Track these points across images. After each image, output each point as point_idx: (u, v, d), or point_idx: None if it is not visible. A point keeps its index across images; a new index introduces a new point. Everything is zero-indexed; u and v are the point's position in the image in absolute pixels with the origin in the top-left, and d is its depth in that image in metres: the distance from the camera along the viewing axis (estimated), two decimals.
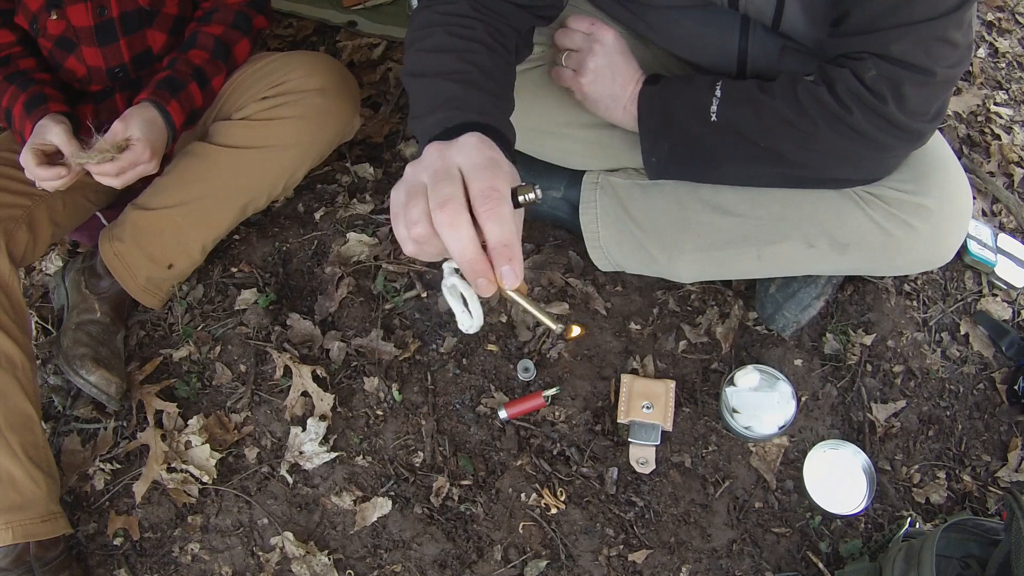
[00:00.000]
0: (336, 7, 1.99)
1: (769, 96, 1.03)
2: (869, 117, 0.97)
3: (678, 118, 1.10)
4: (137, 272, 1.43)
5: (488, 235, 0.63)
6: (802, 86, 1.00)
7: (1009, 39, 2.00)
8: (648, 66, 1.31)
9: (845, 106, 0.97)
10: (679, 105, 1.10)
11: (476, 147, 0.67)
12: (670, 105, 1.11)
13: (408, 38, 0.96)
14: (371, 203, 1.64)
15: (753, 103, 1.04)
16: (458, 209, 0.62)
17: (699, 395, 1.40)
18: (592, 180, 1.33)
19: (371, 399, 1.42)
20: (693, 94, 1.09)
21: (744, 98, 1.05)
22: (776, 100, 1.02)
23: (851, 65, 0.96)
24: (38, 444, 1.25)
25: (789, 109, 1.01)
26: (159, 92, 1.28)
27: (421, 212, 0.64)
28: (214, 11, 1.38)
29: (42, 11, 1.29)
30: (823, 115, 0.99)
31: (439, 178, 0.64)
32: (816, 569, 1.25)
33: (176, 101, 1.29)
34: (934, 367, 1.44)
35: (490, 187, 0.63)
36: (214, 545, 1.32)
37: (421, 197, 0.65)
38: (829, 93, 0.98)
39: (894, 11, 0.90)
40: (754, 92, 1.04)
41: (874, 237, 1.11)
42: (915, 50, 0.92)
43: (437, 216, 0.63)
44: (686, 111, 1.09)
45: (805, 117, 1.00)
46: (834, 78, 0.97)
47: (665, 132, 1.13)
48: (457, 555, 1.28)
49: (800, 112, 1.00)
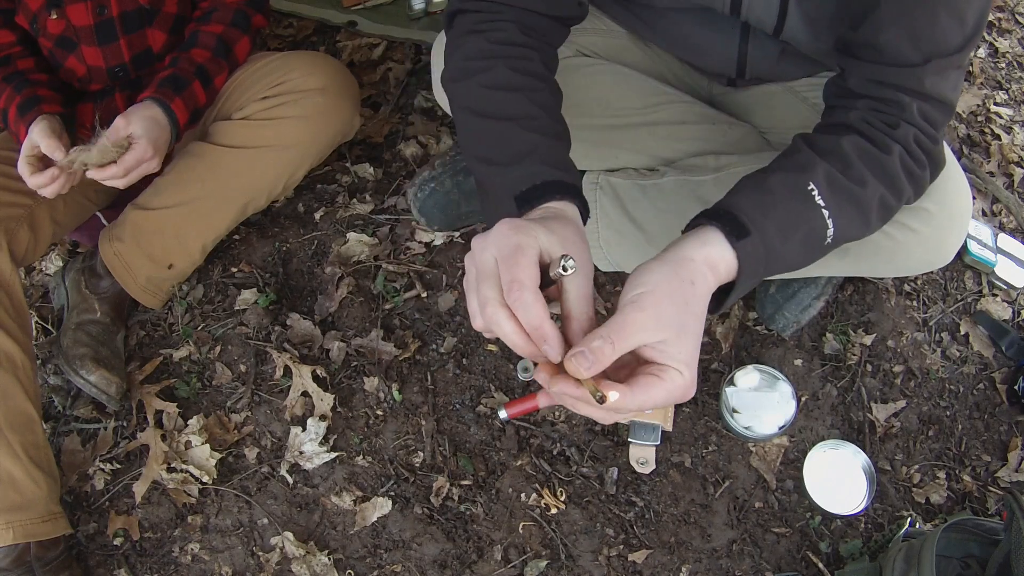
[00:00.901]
0: (336, 7, 1.98)
1: (862, 187, 0.86)
2: (919, 184, 0.93)
3: (787, 260, 0.83)
4: (137, 272, 1.43)
5: (522, 323, 0.66)
6: (890, 161, 0.88)
7: (1009, 39, 2.00)
8: (647, 67, 1.32)
9: (910, 173, 0.90)
10: (791, 252, 0.83)
11: (505, 235, 0.69)
12: (779, 255, 0.81)
13: (459, 66, 0.92)
14: (371, 203, 1.64)
15: (855, 202, 0.85)
16: (495, 308, 0.67)
17: (699, 395, 1.40)
18: (592, 180, 1.33)
19: (371, 399, 1.42)
20: (808, 228, 0.84)
21: (845, 197, 0.85)
22: (868, 189, 0.86)
23: (902, 117, 0.88)
24: (38, 444, 1.25)
25: (888, 191, 0.88)
26: (162, 90, 1.28)
27: (476, 309, 0.70)
28: (213, 10, 1.38)
29: (42, 11, 1.29)
30: (911, 182, 0.91)
31: (480, 278, 0.69)
32: (816, 569, 1.25)
33: (180, 99, 1.29)
34: (934, 367, 1.44)
35: (510, 280, 0.66)
36: (214, 545, 1.32)
37: (473, 294, 0.70)
38: (909, 161, 0.89)
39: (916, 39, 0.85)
40: (853, 189, 0.85)
41: (874, 240, 1.11)
42: (943, 84, 0.88)
43: (484, 316, 0.68)
44: (801, 248, 0.84)
45: (903, 192, 0.91)
46: (899, 140, 0.88)
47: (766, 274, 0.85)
48: (457, 555, 1.28)
49: (899, 190, 0.90)
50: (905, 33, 0.85)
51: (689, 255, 0.73)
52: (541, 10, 0.96)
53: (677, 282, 0.70)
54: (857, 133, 0.88)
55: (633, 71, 1.28)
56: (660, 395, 0.67)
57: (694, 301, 0.71)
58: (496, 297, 0.67)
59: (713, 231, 0.76)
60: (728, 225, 0.76)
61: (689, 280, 0.71)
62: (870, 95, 0.90)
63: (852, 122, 0.89)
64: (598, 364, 0.64)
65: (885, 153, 0.87)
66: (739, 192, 0.82)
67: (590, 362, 0.64)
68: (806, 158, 0.85)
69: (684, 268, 0.72)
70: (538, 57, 0.94)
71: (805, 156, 0.85)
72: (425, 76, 1.85)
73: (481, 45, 0.92)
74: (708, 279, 0.73)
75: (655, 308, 0.67)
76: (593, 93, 1.25)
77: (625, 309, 0.68)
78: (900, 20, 0.85)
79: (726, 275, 0.76)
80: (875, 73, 0.89)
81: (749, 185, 0.83)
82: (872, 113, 0.89)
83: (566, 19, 1.02)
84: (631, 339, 0.66)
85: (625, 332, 0.66)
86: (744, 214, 0.77)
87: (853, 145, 0.87)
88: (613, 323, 0.67)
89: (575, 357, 0.64)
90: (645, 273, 0.71)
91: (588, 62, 1.27)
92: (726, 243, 0.75)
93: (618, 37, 1.30)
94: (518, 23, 0.94)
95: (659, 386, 0.66)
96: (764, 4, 0.99)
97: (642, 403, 0.66)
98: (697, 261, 0.73)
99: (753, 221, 0.76)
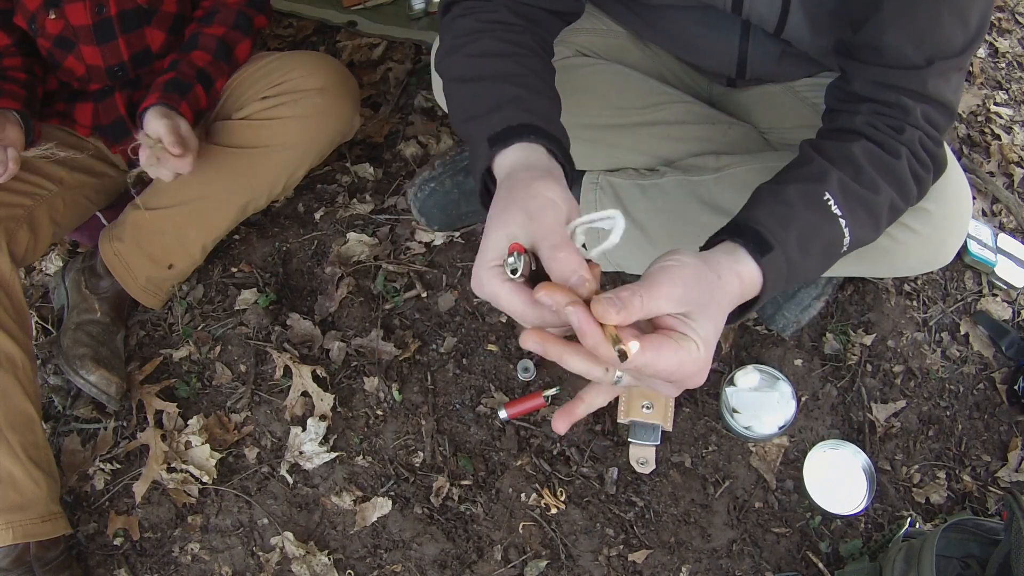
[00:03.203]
0: (336, 7, 1.98)
1: (875, 192, 0.86)
2: (923, 186, 0.93)
3: (807, 272, 0.84)
4: (137, 272, 1.43)
5: (556, 264, 0.65)
6: (899, 166, 0.88)
7: (1009, 39, 2.00)
8: (647, 67, 1.32)
9: (916, 177, 0.91)
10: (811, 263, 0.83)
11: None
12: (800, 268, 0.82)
13: (448, 44, 0.93)
14: (371, 203, 1.64)
15: (868, 208, 0.86)
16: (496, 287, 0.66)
17: (699, 395, 1.40)
18: (592, 180, 1.33)
19: (371, 399, 1.42)
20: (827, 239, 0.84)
21: (859, 204, 0.85)
22: (881, 194, 0.86)
23: (906, 120, 0.89)
24: (38, 444, 1.25)
25: (897, 194, 0.89)
26: (168, 95, 1.27)
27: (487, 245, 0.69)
28: (215, 11, 1.38)
29: (40, 10, 1.29)
30: (917, 185, 0.91)
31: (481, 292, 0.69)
32: (816, 569, 1.25)
33: (185, 103, 1.29)
34: (934, 367, 1.44)
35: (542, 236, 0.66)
36: (214, 545, 1.32)
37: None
38: (915, 164, 0.90)
39: (918, 41, 0.85)
40: (866, 196, 0.85)
41: (875, 241, 1.11)
42: (946, 86, 0.88)
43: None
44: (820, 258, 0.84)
45: (911, 195, 0.92)
46: (905, 143, 0.89)
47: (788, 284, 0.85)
48: (457, 555, 1.28)
49: (907, 193, 0.91)
50: (907, 35, 0.85)
51: (717, 258, 0.73)
52: (536, 2, 0.96)
53: (707, 271, 0.69)
54: (866, 139, 0.88)
55: (633, 71, 1.28)
56: (671, 360, 0.63)
57: (720, 295, 0.70)
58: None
59: (737, 247, 0.75)
60: (752, 241, 0.75)
61: (717, 274, 0.70)
62: (873, 98, 0.90)
63: (858, 127, 0.89)
64: (626, 312, 0.61)
65: (894, 158, 0.87)
66: (757, 206, 0.81)
67: (618, 307, 0.61)
68: (819, 167, 0.84)
69: (713, 264, 0.71)
70: (529, 34, 0.93)
71: (818, 165, 0.85)
72: (425, 76, 1.85)
73: (470, 24, 0.93)
74: (734, 283, 0.73)
75: (684, 282, 0.66)
76: (593, 93, 1.25)
77: (657, 274, 0.66)
78: (902, 21, 0.85)
79: (750, 287, 0.75)
80: (878, 75, 0.89)
81: (766, 198, 0.82)
82: (877, 117, 0.89)
83: (562, 13, 1.01)
84: (659, 302, 0.64)
85: (655, 292, 0.64)
86: (766, 229, 0.76)
87: (864, 151, 0.87)
88: (645, 281, 0.65)
89: (605, 300, 0.61)
90: (678, 253, 0.69)
91: (588, 62, 1.27)
92: (751, 259, 0.75)
93: (618, 37, 1.30)
94: (511, 10, 0.94)
95: (672, 349, 0.63)
96: (766, 1, 0.99)
97: (650, 362, 0.62)
98: (723, 264, 0.72)
99: (775, 236, 0.76)
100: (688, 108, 1.28)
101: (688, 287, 0.66)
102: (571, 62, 1.26)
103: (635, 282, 0.65)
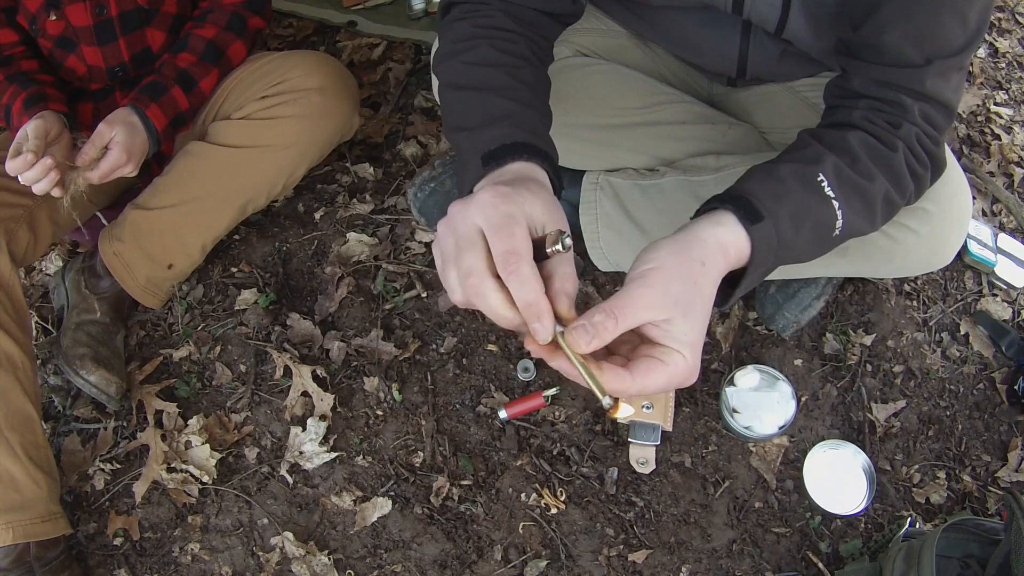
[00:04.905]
0: (336, 7, 1.99)
1: (869, 180, 0.86)
2: (921, 184, 0.94)
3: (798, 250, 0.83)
4: (137, 272, 1.43)
5: (515, 298, 0.63)
6: (895, 158, 0.88)
7: (1009, 39, 2.00)
8: (647, 67, 1.32)
9: (913, 173, 0.91)
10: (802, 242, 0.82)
11: (492, 204, 0.65)
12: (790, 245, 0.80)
13: (445, 49, 0.93)
14: (371, 203, 1.64)
15: (862, 195, 0.85)
16: (481, 278, 0.63)
17: (699, 395, 1.40)
18: (592, 180, 1.33)
19: (371, 399, 1.42)
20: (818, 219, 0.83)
21: (853, 190, 0.85)
22: (875, 183, 0.86)
23: (904, 117, 0.89)
24: (38, 444, 1.25)
25: (893, 187, 0.88)
26: (139, 97, 1.29)
27: (455, 280, 0.65)
28: (210, 12, 1.38)
29: (41, 11, 1.29)
30: (914, 180, 0.91)
31: (461, 247, 0.65)
32: (816, 569, 1.25)
33: (156, 106, 1.29)
34: (934, 367, 1.44)
35: (507, 251, 0.62)
36: (214, 545, 1.32)
37: (452, 264, 0.66)
38: (912, 160, 0.90)
39: (918, 40, 0.85)
40: (860, 183, 0.85)
41: (874, 240, 1.11)
42: (945, 86, 0.88)
43: (465, 287, 0.64)
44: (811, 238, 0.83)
45: (907, 190, 0.91)
46: (902, 138, 0.89)
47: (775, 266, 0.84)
48: (457, 555, 1.28)
49: (903, 187, 0.91)
50: (907, 33, 0.85)
51: (701, 235, 0.71)
52: (533, 4, 0.96)
53: (687, 261, 0.68)
54: (862, 131, 0.88)
55: (633, 71, 1.28)
56: (662, 379, 0.64)
57: (703, 281, 0.69)
58: (482, 268, 0.64)
59: (726, 214, 0.74)
60: (742, 209, 0.74)
61: (699, 260, 0.69)
62: (872, 95, 0.90)
63: (855, 121, 0.89)
64: (599, 339, 0.62)
65: (891, 150, 0.87)
66: (750, 179, 0.81)
67: (591, 336, 0.62)
68: (814, 151, 0.84)
69: (695, 247, 0.70)
70: (524, 42, 0.93)
71: (814, 149, 0.85)
72: (425, 76, 1.85)
73: (467, 29, 0.93)
74: (719, 261, 0.71)
75: (663, 285, 0.65)
76: (593, 93, 1.25)
77: (632, 284, 0.65)
78: (902, 20, 0.85)
79: (736, 260, 0.74)
80: (877, 74, 0.89)
81: (760, 174, 0.82)
82: (875, 113, 0.89)
83: (560, 16, 1.01)
84: (636, 316, 0.64)
85: (630, 308, 0.64)
86: (757, 199, 0.75)
87: (860, 141, 0.87)
88: (618, 298, 0.64)
89: (576, 330, 0.62)
90: (655, 250, 0.69)
91: (588, 62, 1.27)
92: (740, 226, 0.73)
93: (618, 37, 1.30)
94: (508, 14, 0.94)
95: (661, 370, 0.64)
96: (767, 2, 0.99)
97: (642, 388, 0.64)
98: (709, 242, 0.71)
99: (766, 207, 0.75)
100: (688, 108, 1.28)
101: (667, 291, 0.65)
102: (571, 62, 1.26)
103: (610, 297, 0.64)
